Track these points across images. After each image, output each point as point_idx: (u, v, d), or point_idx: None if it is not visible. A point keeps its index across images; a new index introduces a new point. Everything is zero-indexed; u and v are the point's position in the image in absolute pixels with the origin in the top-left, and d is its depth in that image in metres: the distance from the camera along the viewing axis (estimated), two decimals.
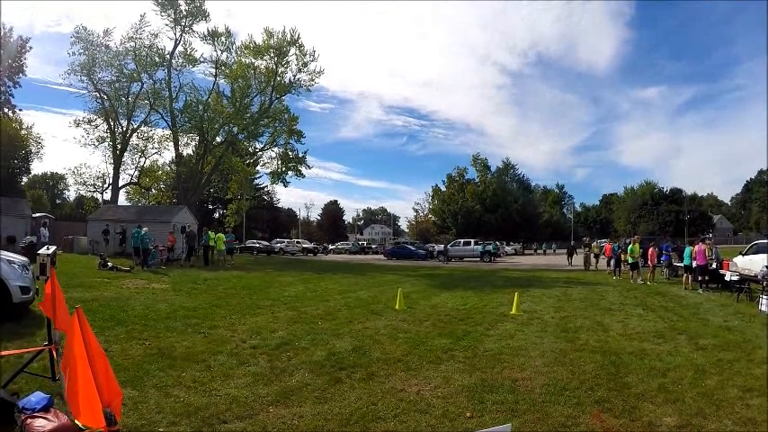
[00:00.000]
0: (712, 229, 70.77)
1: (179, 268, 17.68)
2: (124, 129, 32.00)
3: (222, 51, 32.65)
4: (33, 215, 27.32)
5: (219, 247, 20.77)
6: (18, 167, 49.34)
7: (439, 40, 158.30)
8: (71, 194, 74.62)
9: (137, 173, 35.52)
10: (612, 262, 18.46)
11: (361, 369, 4.89)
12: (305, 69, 32.88)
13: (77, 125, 31.78)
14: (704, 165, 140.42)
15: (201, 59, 32.67)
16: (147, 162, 35.99)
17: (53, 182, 78.62)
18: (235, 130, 33.12)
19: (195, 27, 31.73)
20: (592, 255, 22.96)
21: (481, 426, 3.43)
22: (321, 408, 3.78)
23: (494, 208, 62.11)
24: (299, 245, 45.30)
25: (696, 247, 13.23)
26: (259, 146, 36.71)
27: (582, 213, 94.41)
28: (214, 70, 33.00)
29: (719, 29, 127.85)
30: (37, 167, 72.29)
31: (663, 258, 17.72)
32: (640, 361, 5.37)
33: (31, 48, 35.72)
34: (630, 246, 15.90)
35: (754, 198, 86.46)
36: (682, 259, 14.60)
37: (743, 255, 14.72)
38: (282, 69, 32.79)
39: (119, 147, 31.60)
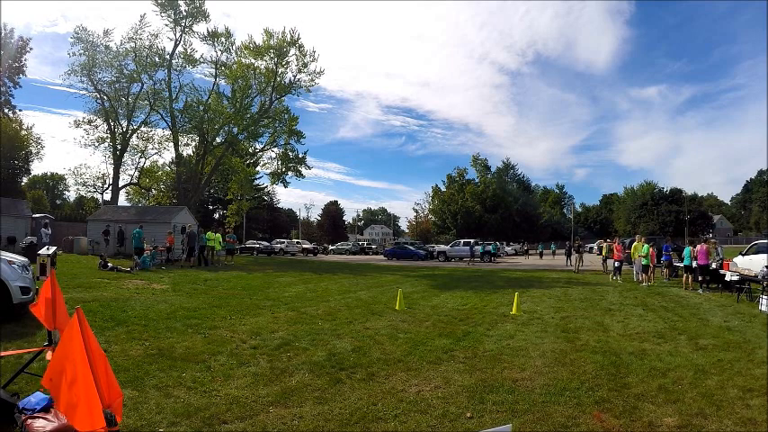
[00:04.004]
0: (712, 229, 70.88)
1: (179, 268, 17.68)
2: (124, 129, 31.98)
3: (222, 52, 32.71)
4: (33, 215, 27.31)
5: (217, 247, 20.87)
6: (18, 168, 49.36)
7: (436, 40, 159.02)
8: (71, 195, 74.78)
9: (137, 173, 35.49)
10: (612, 262, 18.34)
11: (361, 369, 4.89)
12: (305, 70, 32.90)
13: (77, 126, 31.80)
14: (704, 164, 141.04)
15: (201, 60, 32.73)
16: (147, 162, 35.96)
17: (53, 182, 78.75)
18: (235, 130, 33.10)
19: (195, 27, 31.81)
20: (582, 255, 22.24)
21: (481, 426, 3.43)
22: (321, 408, 3.77)
23: (494, 208, 62.19)
24: (299, 245, 45.26)
25: (698, 246, 13.21)
26: (259, 146, 36.78)
27: (582, 213, 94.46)
28: (214, 71, 33.03)
29: (719, 27, 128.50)
30: (37, 168, 72.55)
31: (663, 258, 17.69)
32: (640, 361, 5.37)
33: (31, 48, 35.78)
34: (645, 246, 14.92)
35: (754, 198, 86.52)
36: (682, 259, 14.55)
37: (743, 255, 14.73)
38: (282, 70, 32.80)
39: (119, 147, 31.58)
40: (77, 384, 2.56)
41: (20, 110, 41.49)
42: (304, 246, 46.46)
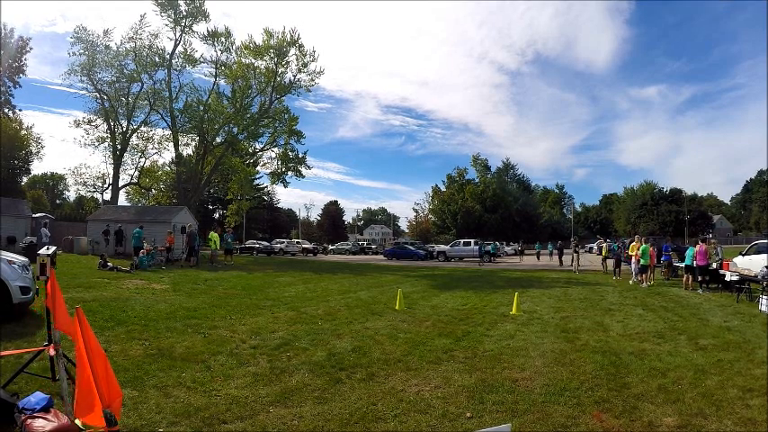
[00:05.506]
0: (712, 229, 70.80)
1: (179, 268, 17.68)
2: (124, 129, 31.99)
3: (222, 52, 32.72)
4: (33, 215, 27.33)
5: (213, 246, 20.93)
6: (18, 168, 49.37)
7: (435, 39, 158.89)
8: (71, 195, 74.80)
9: (137, 173, 35.50)
10: (612, 262, 18.40)
11: (361, 369, 4.89)
12: (305, 70, 32.92)
13: (77, 125, 31.83)
14: (704, 164, 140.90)
15: (201, 60, 32.75)
16: (147, 162, 36.00)
17: (53, 182, 78.67)
18: (235, 130, 33.12)
19: (195, 27, 31.82)
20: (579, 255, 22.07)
21: (481, 426, 3.43)
22: (321, 408, 3.78)
23: (494, 208, 62.18)
24: (298, 245, 45.19)
25: (697, 247, 13.20)
26: (259, 146, 36.80)
27: (582, 213, 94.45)
28: (214, 70, 33.04)
29: (719, 26, 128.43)
30: (37, 168, 72.55)
31: (663, 258, 17.70)
32: (640, 361, 5.37)
33: (31, 48, 35.75)
34: (644, 246, 14.75)
35: (754, 198, 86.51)
36: (682, 259, 14.52)
37: (743, 255, 14.72)
38: (282, 70, 32.81)
39: (119, 147, 31.59)
40: (78, 383, 2.57)
41: (20, 110, 41.50)
42: (304, 246, 46.39)
